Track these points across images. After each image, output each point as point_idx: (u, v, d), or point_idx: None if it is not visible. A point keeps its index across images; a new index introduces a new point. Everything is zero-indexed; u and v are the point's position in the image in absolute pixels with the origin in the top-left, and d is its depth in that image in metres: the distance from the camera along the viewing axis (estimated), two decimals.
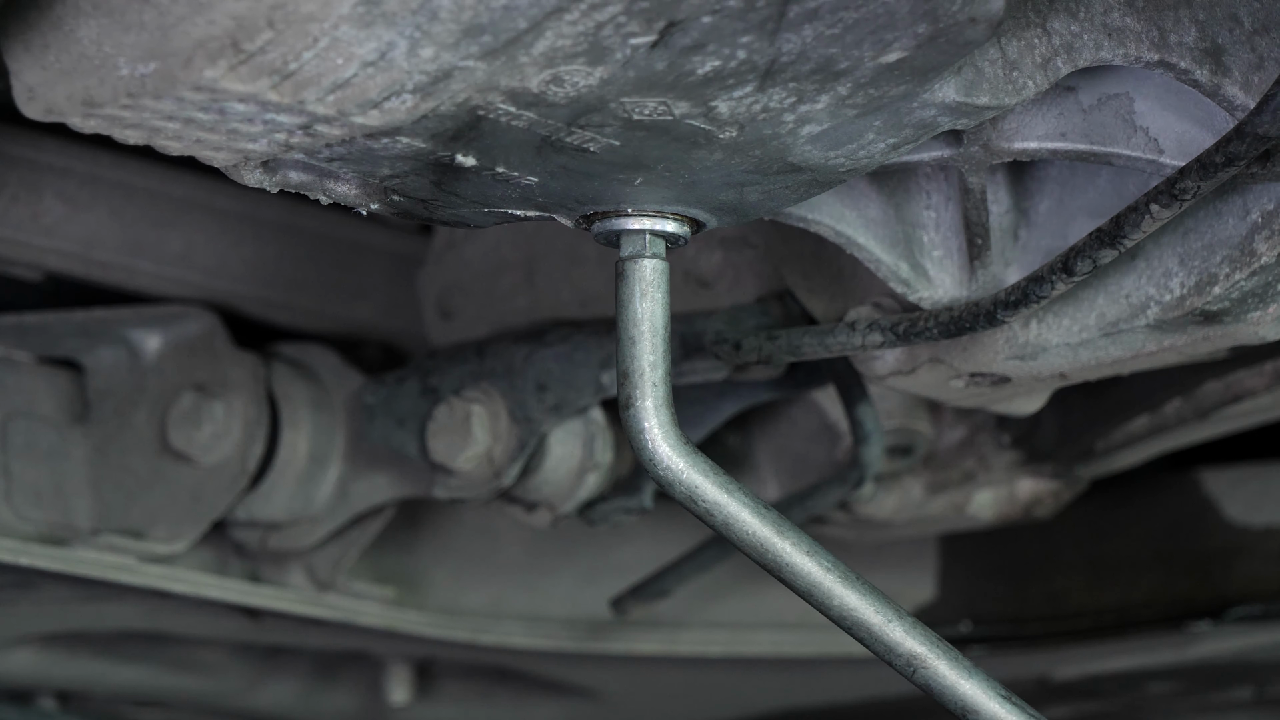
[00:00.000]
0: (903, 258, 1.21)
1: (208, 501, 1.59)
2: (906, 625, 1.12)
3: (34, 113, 0.90)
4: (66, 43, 0.88)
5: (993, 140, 1.11)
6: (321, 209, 1.63)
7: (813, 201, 1.18)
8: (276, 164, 0.97)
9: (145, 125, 0.90)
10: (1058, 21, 1.06)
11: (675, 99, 0.92)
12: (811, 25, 0.88)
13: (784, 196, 1.05)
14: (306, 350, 1.65)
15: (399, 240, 1.74)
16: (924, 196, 1.20)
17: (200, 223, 1.64)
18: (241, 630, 1.78)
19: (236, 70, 0.84)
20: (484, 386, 1.51)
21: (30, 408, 1.58)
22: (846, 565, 1.12)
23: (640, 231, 1.07)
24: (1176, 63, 1.05)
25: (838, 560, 1.12)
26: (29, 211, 1.57)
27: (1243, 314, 1.14)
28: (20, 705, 1.87)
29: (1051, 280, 1.10)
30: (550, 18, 0.83)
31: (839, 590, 1.12)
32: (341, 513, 1.63)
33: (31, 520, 1.55)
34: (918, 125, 1.01)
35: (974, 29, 0.92)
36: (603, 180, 1.00)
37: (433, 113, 0.89)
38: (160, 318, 1.62)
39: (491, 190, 1.00)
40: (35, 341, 1.60)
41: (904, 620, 1.11)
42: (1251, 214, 1.11)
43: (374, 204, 1.01)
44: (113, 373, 1.61)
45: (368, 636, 1.78)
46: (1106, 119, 1.11)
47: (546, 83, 0.88)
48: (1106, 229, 1.07)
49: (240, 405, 1.59)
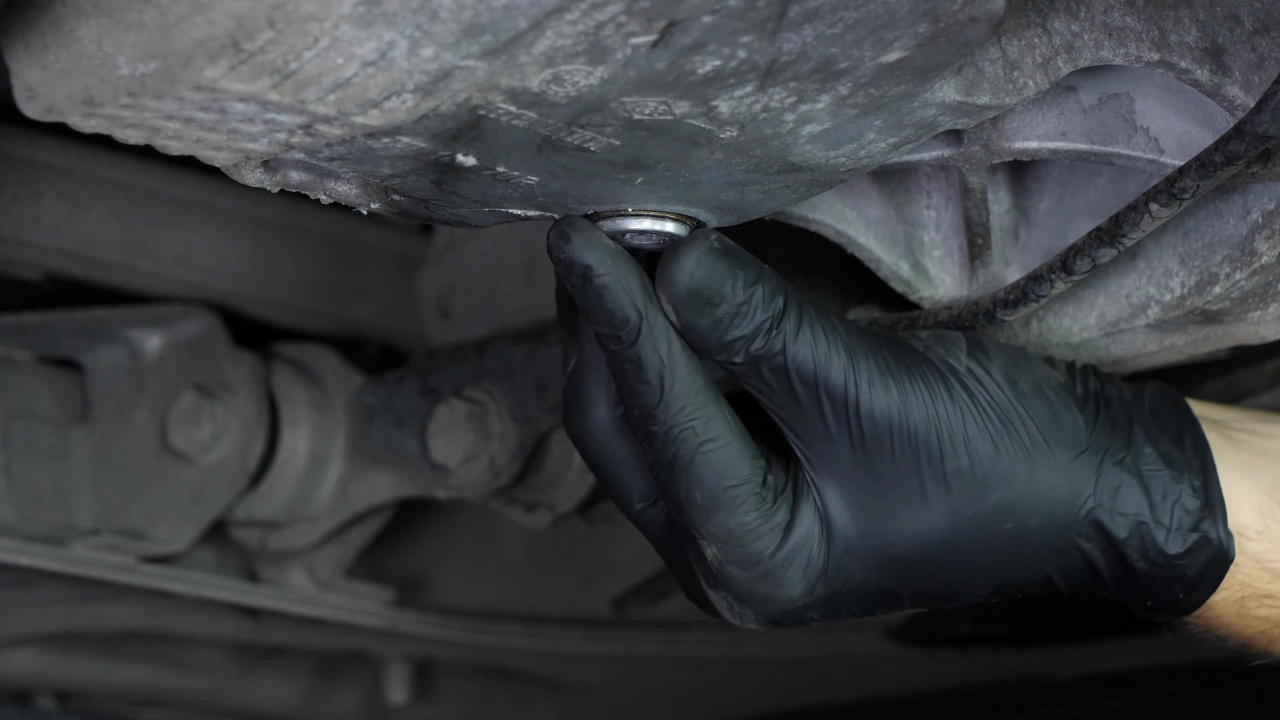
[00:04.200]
0: (903, 257, 1.21)
1: (207, 501, 1.59)
2: None
3: (34, 112, 0.90)
4: (66, 42, 0.88)
5: (993, 140, 1.11)
6: (322, 209, 1.63)
7: (813, 201, 1.18)
8: (277, 164, 0.97)
9: (145, 125, 0.90)
10: (1058, 21, 1.06)
11: (676, 99, 0.92)
12: (812, 25, 0.88)
13: (784, 196, 1.05)
14: (306, 350, 1.65)
15: (399, 240, 1.74)
16: (924, 196, 1.20)
17: (200, 223, 1.64)
18: (241, 630, 1.78)
19: (237, 70, 0.84)
20: (484, 386, 1.51)
21: (30, 408, 1.58)
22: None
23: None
24: (1177, 62, 1.05)
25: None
26: (29, 211, 1.57)
27: (1243, 314, 1.15)
28: (20, 705, 1.87)
29: (1051, 279, 1.10)
30: (551, 17, 0.83)
31: None
32: (341, 512, 1.63)
33: (32, 520, 1.55)
34: (918, 125, 1.01)
35: (974, 28, 0.92)
36: (603, 180, 1.00)
37: (433, 112, 0.89)
38: (160, 318, 1.62)
39: (492, 190, 1.00)
40: (35, 341, 1.60)
41: None
42: (1252, 214, 1.11)
43: (374, 204, 1.01)
44: (113, 373, 1.61)
45: (368, 636, 1.78)
46: (1107, 118, 1.11)
47: (547, 82, 0.88)
48: (1106, 228, 1.07)
49: (240, 405, 1.59)
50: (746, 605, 1.08)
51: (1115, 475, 1.09)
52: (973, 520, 1.07)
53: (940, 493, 1.07)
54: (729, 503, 1.05)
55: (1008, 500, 1.07)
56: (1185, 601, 1.12)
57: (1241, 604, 1.12)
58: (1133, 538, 1.09)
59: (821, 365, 1.05)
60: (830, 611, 1.09)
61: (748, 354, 1.05)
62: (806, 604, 1.08)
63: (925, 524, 1.07)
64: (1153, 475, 1.10)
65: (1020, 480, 1.07)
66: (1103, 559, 1.10)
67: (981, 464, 1.07)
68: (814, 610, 1.08)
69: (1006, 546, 1.08)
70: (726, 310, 1.04)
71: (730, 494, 1.05)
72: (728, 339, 1.05)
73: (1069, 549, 1.09)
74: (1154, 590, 1.11)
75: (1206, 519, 1.10)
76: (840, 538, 1.07)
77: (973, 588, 1.10)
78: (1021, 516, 1.08)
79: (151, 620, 1.74)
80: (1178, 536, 1.09)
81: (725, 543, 1.06)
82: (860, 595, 1.08)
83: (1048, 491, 1.08)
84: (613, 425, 1.09)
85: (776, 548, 1.06)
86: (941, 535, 1.07)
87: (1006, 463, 1.07)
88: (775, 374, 1.06)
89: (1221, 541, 1.10)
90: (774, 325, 1.05)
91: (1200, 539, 1.09)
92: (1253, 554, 1.11)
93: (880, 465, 1.06)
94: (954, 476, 1.07)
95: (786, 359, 1.05)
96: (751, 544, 1.06)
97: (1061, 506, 1.08)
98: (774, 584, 1.06)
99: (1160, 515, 1.09)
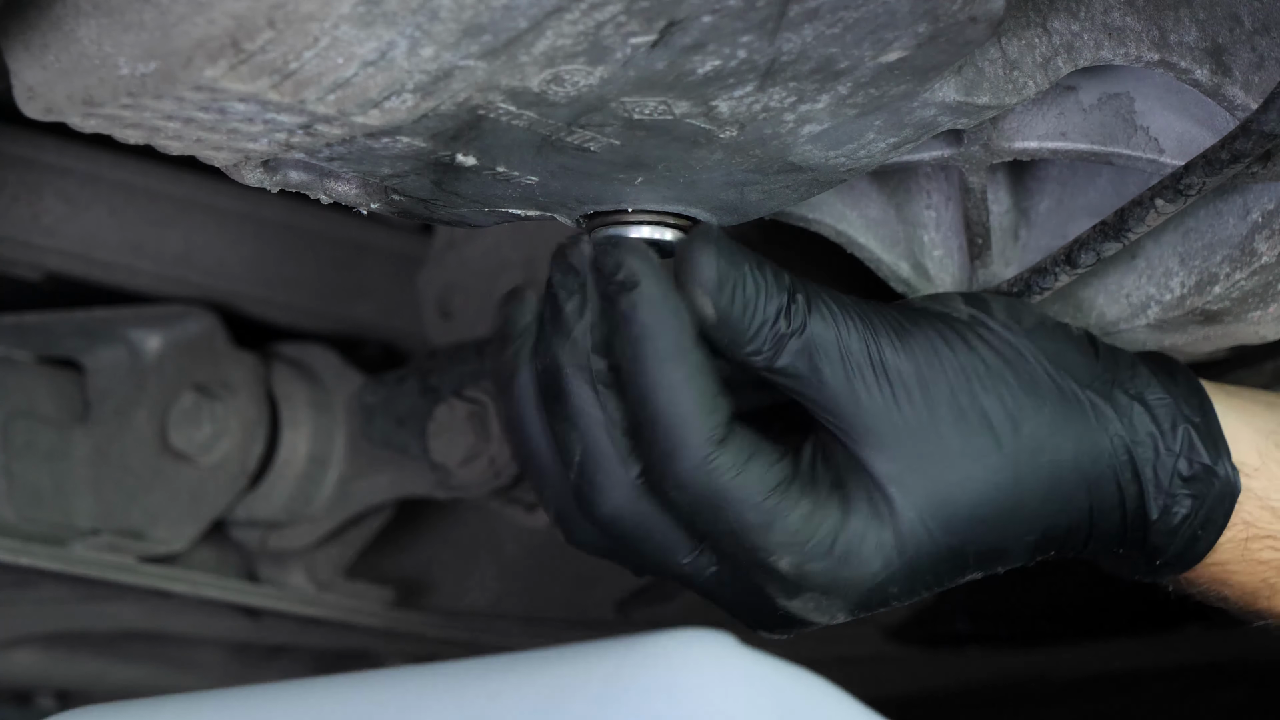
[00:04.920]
0: (903, 257, 1.21)
1: (207, 501, 1.59)
2: None
3: (34, 112, 0.90)
4: (66, 42, 0.88)
5: (993, 140, 1.11)
6: (322, 209, 1.63)
7: (813, 201, 1.18)
8: (277, 163, 0.97)
9: (145, 125, 0.90)
10: (1058, 21, 1.06)
11: (675, 98, 0.92)
12: (812, 25, 0.88)
13: (784, 196, 1.05)
14: (306, 350, 1.65)
15: (399, 240, 1.74)
16: (924, 196, 1.20)
17: (200, 223, 1.64)
18: (241, 630, 1.78)
19: (237, 70, 0.83)
20: (484, 386, 1.51)
21: (30, 408, 1.58)
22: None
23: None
24: (1177, 62, 1.05)
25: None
26: (29, 211, 1.57)
27: (1243, 314, 1.15)
28: (20, 705, 1.87)
29: (1054, 272, 1.11)
30: (550, 17, 0.83)
31: None
32: (341, 512, 1.63)
33: (32, 520, 1.55)
34: (918, 125, 1.01)
35: (974, 28, 0.92)
36: (603, 180, 1.00)
37: (433, 112, 0.89)
38: (160, 318, 1.62)
39: (492, 190, 1.00)
40: (35, 341, 1.60)
41: None
42: (1252, 214, 1.11)
43: (374, 203, 1.01)
44: (113, 373, 1.61)
45: (368, 636, 1.78)
46: (1107, 118, 1.11)
47: (547, 82, 0.88)
48: (1110, 222, 1.08)
49: (240, 405, 1.59)
50: (834, 595, 1.08)
51: (1126, 403, 1.10)
52: (1012, 457, 1.08)
53: (977, 434, 1.08)
54: (781, 508, 1.06)
55: (1038, 433, 1.08)
56: (1196, 546, 1.12)
57: (1246, 545, 1.13)
58: (1149, 466, 1.10)
59: (842, 336, 1.06)
60: (908, 585, 1.09)
61: (775, 338, 1.05)
62: (886, 579, 1.08)
63: (972, 467, 1.08)
64: (1159, 404, 1.11)
65: (1046, 411, 1.09)
66: (1126, 494, 1.10)
67: (1006, 399, 1.08)
68: (894, 585, 1.09)
69: (1047, 483, 1.09)
70: (752, 291, 1.05)
71: (776, 500, 1.05)
72: (757, 324, 1.05)
73: (1101, 480, 1.10)
74: (1166, 533, 1.11)
75: (1210, 449, 1.11)
76: (899, 502, 1.07)
77: (1023, 535, 1.10)
78: (1054, 448, 1.09)
79: (151, 620, 1.74)
80: (1186, 463, 1.10)
81: (796, 544, 1.06)
82: (932, 561, 1.08)
83: (1072, 421, 1.09)
84: (636, 493, 1.08)
85: (843, 524, 1.06)
86: (989, 475, 1.08)
87: (1028, 395, 1.09)
88: (800, 354, 1.06)
89: (1228, 473, 1.11)
90: (790, 303, 1.06)
91: (1206, 471, 1.11)
92: (1254, 491, 1.12)
93: (917, 421, 1.07)
94: (985, 415, 1.08)
95: (807, 335, 1.06)
96: (820, 530, 1.06)
97: (1088, 435, 1.09)
98: (855, 563, 1.07)
99: (1170, 443, 1.10)
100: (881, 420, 1.07)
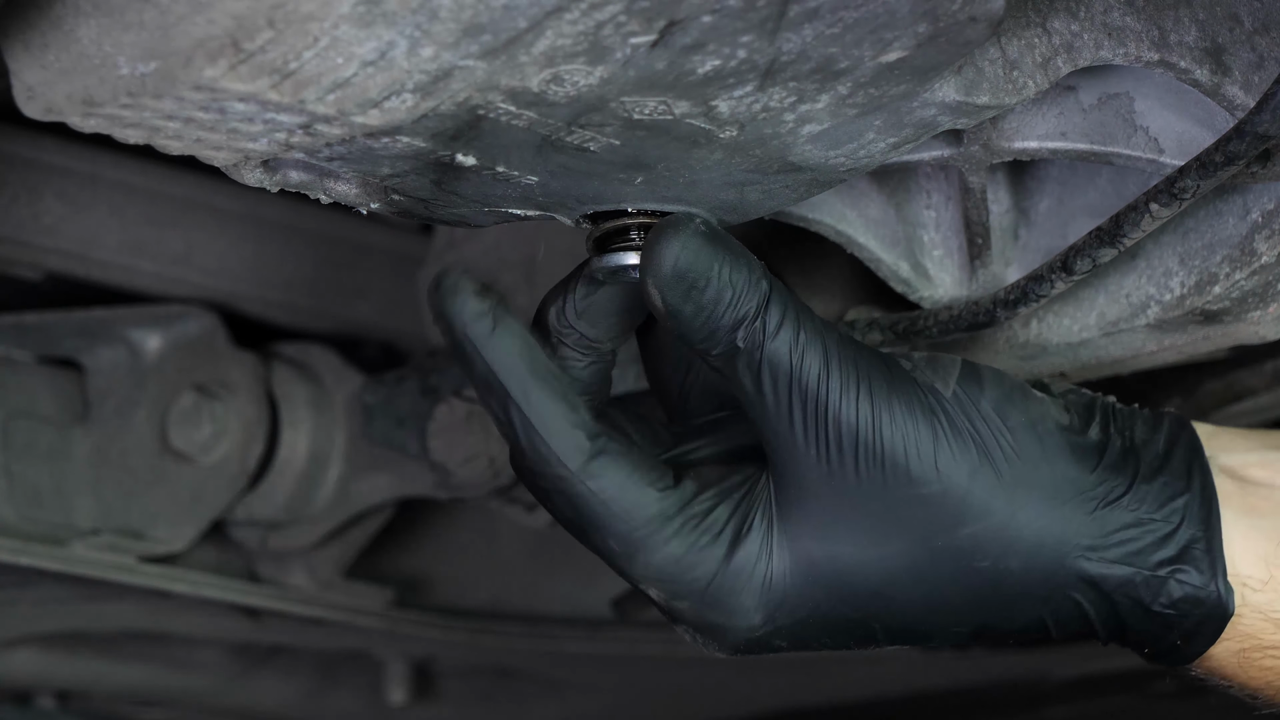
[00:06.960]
0: (903, 257, 1.21)
1: (207, 501, 1.59)
2: None
3: (34, 112, 0.90)
4: (66, 42, 0.88)
5: (993, 140, 1.11)
6: (322, 209, 1.63)
7: (813, 201, 1.18)
8: (277, 163, 0.97)
9: (145, 125, 0.90)
10: (1058, 21, 1.06)
11: (675, 98, 0.92)
12: (812, 25, 0.88)
13: (784, 196, 1.05)
14: (306, 350, 1.65)
15: (399, 240, 1.74)
16: (924, 196, 1.20)
17: (200, 223, 1.64)
18: (241, 630, 1.78)
19: (236, 70, 0.83)
20: None
21: (30, 408, 1.58)
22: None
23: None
24: (1176, 62, 1.05)
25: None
26: (29, 211, 1.57)
27: (1243, 313, 1.15)
28: (20, 705, 1.87)
29: (1051, 279, 1.10)
30: (550, 17, 0.83)
31: None
32: (341, 512, 1.63)
33: (32, 520, 1.55)
34: (918, 125, 1.01)
35: (974, 28, 0.92)
36: (603, 180, 1.00)
37: (433, 112, 0.89)
38: (160, 318, 1.62)
39: (492, 190, 1.00)
40: (35, 341, 1.60)
41: None
42: (1251, 213, 1.11)
43: (374, 203, 1.01)
44: (113, 373, 1.61)
45: (368, 636, 1.78)
46: (1107, 118, 1.11)
47: (547, 82, 0.88)
48: (1106, 228, 1.07)
49: (240, 405, 1.60)
50: (706, 636, 1.04)
51: (1110, 524, 1.04)
52: (942, 552, 1.02)
53: (907, 518, 1.02)
54: (651, 542, 1.02)
55: (981, 537, 1.02)
56: (1183, 651, 1.07)
57: (1242, 655, 1.07)
58: (1125, 589, 1.04)
59: (797, 365, 1.01)
60: (799, 642, 1.04)
61: (728, 344, 1.01)
62: (770, 632, 1.03)
63: (889, 550, 1.02)
64: (1151, 526, 1.04)
65: (997, 517, 1.02)
66: (1093, 610, 1.04)
67: (954, 493, 1.02)
68: (780, 639, 1.04)
69: (982, 586, 1.03)
70: (711, 296, 1.00)
71: (646, 533, 1.02)
72: (711, 327, 1.01)
73: (1057, 596, 1.04)
74: (1149, 640, 1.06)
75: (1204, 572, 1.04)
76: (802, 561, 1.02)
77: (949, 626, 1.05)
78: (998, 556, 1.02)
79: (151, 620, 1.74)
80: (1173, 588, 1.04)
81: (663, 580, 1.02)
82: (829, 626, 1.04)
83: (1030, 534, 1.02)
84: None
85: (722, 569, 1.02)
86: (906, 564, 1.02)
87: (982, 496, 1.02)
88: (751, 370, 1.02)
89: (1219, 595, 1.04)
90: (756, 317, 1.01)
91: (1194, 593, 1.04)
92: (1257, 605, 1.06)
93: (846, 481, 1.01)
94: (923, 502, 1.01)
95: (763, 354, 1.01)
96: (686, 575, 1.02)
97: (1046, 551, 1.03)
98: (725, 612, 1.02)
99: (1155, 568, 1.04)
100: (809, 470, 1.02)
